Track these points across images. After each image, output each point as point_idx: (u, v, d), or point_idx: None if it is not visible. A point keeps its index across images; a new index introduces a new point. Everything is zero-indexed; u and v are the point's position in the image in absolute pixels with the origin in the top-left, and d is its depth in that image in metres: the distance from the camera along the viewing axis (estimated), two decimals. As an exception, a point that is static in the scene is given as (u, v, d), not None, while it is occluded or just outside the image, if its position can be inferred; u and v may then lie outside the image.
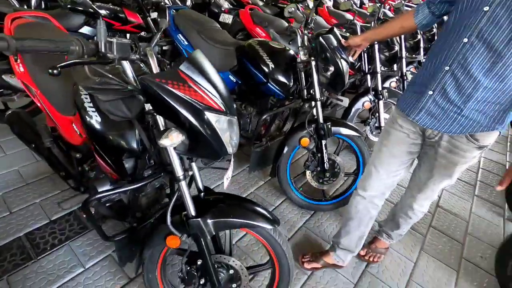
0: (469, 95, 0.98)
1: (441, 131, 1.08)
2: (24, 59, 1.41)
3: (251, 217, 1.05)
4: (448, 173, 1.17)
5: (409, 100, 1.14)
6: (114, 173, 1.11)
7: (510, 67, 0.90)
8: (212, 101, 0.84)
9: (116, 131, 1.01)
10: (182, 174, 0.95)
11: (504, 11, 0.86)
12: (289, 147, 1.83)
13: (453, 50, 0.97)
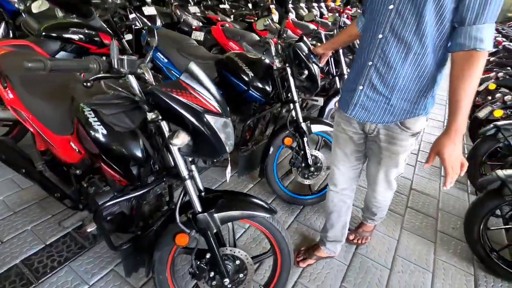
0: (393, 85, 1.09)
1: (376, 122, 1.17)
2: (13, 86, 1.44)
3: (251, 208, 1.17)
4: (394, 163, 1.28)
5: (345, 98, 1.24)
6: (123, 179, 1.18)
7: (420, 55, 1.02)
8: (210, 104, 0.97)
9: (122, 141, 1.09)
10: (187, 174, 1.05)
11: (406, 7, 0.97)
12: (274, 148, 1.97)
13: (373, 46, 1.08)
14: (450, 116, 0.97)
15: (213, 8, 5.89)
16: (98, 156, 1.17)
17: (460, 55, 0.93)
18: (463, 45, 0.91)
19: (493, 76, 2.98)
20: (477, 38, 0.88)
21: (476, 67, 0.90)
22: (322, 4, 8.48)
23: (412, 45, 1.00)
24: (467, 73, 0.91)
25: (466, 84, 0.92)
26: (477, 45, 0.88)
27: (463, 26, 0.90)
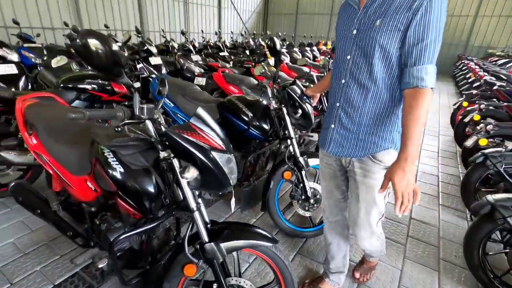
0: (359, 122, 1.22)
1: (350, 156, 1.27)
2: (37, 133, 1.61)
3: (254, 238, 1.25)
4: (371, 198, 1.30)
5: (323, 136, 1.38)
6: (137, 212, 1.28)
7: (377, 95, 1.16)
8: (215, 143, 1.12)
9: (136, 178, 1.21)
10: (195, 205, 1.16)
11: (360, 55, 1.14)
12: (275, 182, 2.07)
13: (338, 90, 1.25)
14: (401, 145, 1.07)
15: (213, 55, 6.41)
16: (114, 193, 1.28)
17: (408, 92, 1.06)
18: (408, 83, 1.05)
19: (477, 108, 3.19)
20: (418, 77, 1.02)
21: (421, 102, 1.02)
22: (314, 47, 9.16)
23: (369, 87, 1.15)
24: (414, 107, 1.03)
25: (414, 116, 1.03)
26: (419, 83, 1.02)
27: (407, 68, 1.05)
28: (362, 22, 1.11)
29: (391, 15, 1.03)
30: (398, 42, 1.04)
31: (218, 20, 14.87)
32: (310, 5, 16.52)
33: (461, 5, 13.06)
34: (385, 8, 1.04)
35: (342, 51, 1.21)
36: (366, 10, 1.10)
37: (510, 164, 2.25)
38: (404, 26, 1.01)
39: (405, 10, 1.00)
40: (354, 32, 1.14)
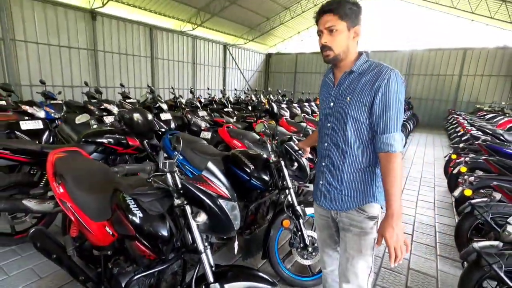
0: (341, 180, 1.36)
1: (337, 210, 1.40)
2: (64, 183, 1.83)
3: (255, 281, 1.38)
4: (358, 248, 1.36)
5: (315, 191, 1.52)
6: (152, 254, 1.43)
7: (354, 157, 1.32)
8: (222, 192, 1.33)
9: (153, 222, 1.40)
10: (203, 248, 1.32)
11: (336, 124, 1.34)
12: (274, 230, 2.21)
13: (323, 151, 1.43)
14: (386, 204, 1.22)
15: (219, 111, 6.92)
16: (131, 237, 1.45)
17: (381, 155, 1.26)
18: (381, 148, 1.24)
19: (463, 160, 3.42)
20: (388, 143, 1.22)
21: (393, 164, 1.21)
22: (312, 103, 9.83)
23: (346, 150, 1.33)
24: (389, 169, 1.21)
25: (391, 178, 1.21)
26: (389, 148, 1.22)
27: (377, 135, 1.25)
28: (337, 97, 1.35)
29: (358, 93, 1.26)
30: (366, 114, 1.26)
31: (223, 78, 16.14)
32: (307, 65, 18.04)
33: (446, 65, 14.26)
34: (353, 87, 1.28)
35: (323, 119, 1.43)
36: (339, 87, 1.34)
37: (496, 213, 2.39)
38: (369, 102, 1.24)
39: (368, 89, 1.24)
40: (331, 104, 1.37)
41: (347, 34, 1.24)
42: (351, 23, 1.23)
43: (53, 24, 8.64)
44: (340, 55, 1.27)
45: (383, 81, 1.20)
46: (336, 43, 1.24)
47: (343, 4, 1.21)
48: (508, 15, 11.11)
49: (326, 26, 1.24)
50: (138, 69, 11.40)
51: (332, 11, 1.22)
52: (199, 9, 12.12)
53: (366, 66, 1.28)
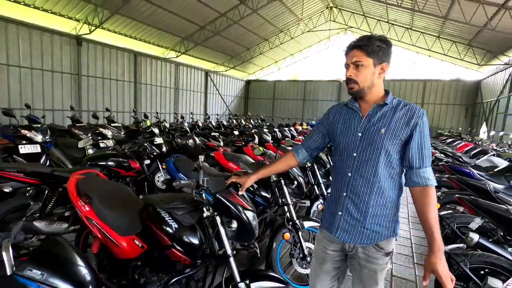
0: (365, 212, 1.29)
1: (355, 244, 1.33)
2: (90, 201, 2.00)
3: (273, 280, 1.64)
4: (374, 280, 1.34)
5: (328, 219, 1.43)
6: (188, 258, 1.64)
7: (381, 189, 1.27)
8: (247, 204, 1.61)
9: (185, 232, 1.63)
10: (231, 252, 1.57)
11: (366, 155, 1.28)
12: (276, 243, 2.44)
13: (344, 181, 1.35)
14: (430, 239, 1.19)
15: (205, 135, 7.18)
16: (167, 246, 1.66)
17: (417, 190, 1.24)
18: (418, 183, 1.23)
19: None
20: (425, 177, 1.22)
21: (432, 197, 1.21)
22: (292, 127, 10.42)
23: (374, 182, 1.28)
24: (428, 203, 1.21)
25: (432, 211, 1.20)
26: (428, 182, 1.22)
27: (412, 170, 1.24)
28: (367, 128, 1.30)
29: (393, 126, 1.25)
30: (398, 147, 1.26)
31: (204, 103, 16.52)
32: (285, 92, 19.01)
33: (410, 94, 15.76)
34: (387, 120, 1.27)
35: (347, 149, 1.35)
36: (369, 118, 1.30)
37: (460, 223, 2.83)
38: (405, 137, 1.24)
39: (404, 124, 1.24)
40: (359, 135, 1.31)
41: (373, 70, 1.26)
42: (378, 59, 1.26)
43: (38, 48, 8.67)
44: (364, 89, 1.29)
45: (419, 118, 1.23)
46: (361, 77, 1.27)
47: (372, 41, 1.24)
48: (458, 53, 12.76)
49: (353, 61, 1.27)
50: (121, 93, 11.49)
51: (360, 47, 1.25)
52: (184, 38, 12.67)
53: (396, 102, 1.30)
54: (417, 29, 12.86)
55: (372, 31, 14.76)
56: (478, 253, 2.17)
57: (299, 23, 14.91)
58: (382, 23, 13.73)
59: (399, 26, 13.33)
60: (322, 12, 14.91)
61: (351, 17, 14.52)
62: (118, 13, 9.31)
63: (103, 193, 2.07)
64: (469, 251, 2.22)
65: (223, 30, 12.46)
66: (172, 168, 3.15)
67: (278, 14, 13.35)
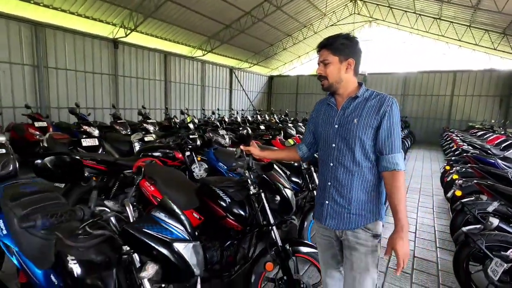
0: (349, 198, 1.38)
1: (343, 229, 1.41)
2: (155, 183, 2.44)
3: (306, 245, 1.98)
4: (364, 265, 1.38)
5: (318, 210, 1.52)
6: (239, 225, 2.04)
7: (361, 175, 1.36)
8: (285, 183, 1.96)
9: (236, 205, 2.03)
10: (274, 221, 1.94)
11: (343, 144, 1.38)
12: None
13: (328, 171, 1.44)
14: (395, 219, 1.27)
15: (233, 130, 7.61)
16: (222, 217, 2.06)
17: (386, 174, 1.33)
18: (387, 167, 1.32)
19: (454, 170, 4.07)
20: (394, 163, 1.30)
21: (399, 181, 1.29)
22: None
23: (354, 170, 1.38)
24: (395, 186, 1.29)
25: (398, 194, 1.28)
26: (395, 167, 1.30)
27: (383, 156, 1.33)
28: (342, 119, 1.41)
29: (365, 116, 1.35)
30: (371, 135, 1.35)
31: (229, 99, 17.03)
32: (308, 86, 19.05)
33: (438, 86, 15.26)
34: (359, 111, 1.37)
35: (325, 141, 1.47)
36: (344, 111, 1.41)
37: (481, 209, 3.01)
38: (375, 125, 1.34)
39: (374, 113, 1.33)
40: (336, 126, 1.42)
41: (339, 66, 1.37)
42: (344, 56, 1.36)
43: (80, 52, 9.50)
44: (334, 84, 1.40)
45: (387, 107, 1.32)
46: (329, 74, 1.38)
47: (336, 40, 1.35)
48: (491, 42, 12.20)
49: (321, 59, 1.40)
50: (153, 92, 12.23)
51: (326, 46, 1.38)
52: (210, 37, 13.17)
53: (368, 94, 1.40)
54: (446, 18, 12.43)
55: (398, 23, 14.43)
56: (495, 233, 2.37)
57: (322, 17, 14.90)
58: (408, 14, 13.39)
59: (427, 17, 12.94)
60: (346, 6, 14.78)
61: (376, 9, 14.28)
62: (150, 16, 9.94)
63: (163, 176, 2.52)
64: (486, 232, 2.41)
65: (248, 28, 12.80)
66: (213, 158, 3.56)
67: (302, 10, 13.44)
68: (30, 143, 5.68)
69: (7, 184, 1.86)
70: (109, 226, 1.25)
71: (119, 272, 1.23)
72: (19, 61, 8.13)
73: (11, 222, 1.58)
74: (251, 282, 1.94)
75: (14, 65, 8.02)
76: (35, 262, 1.45)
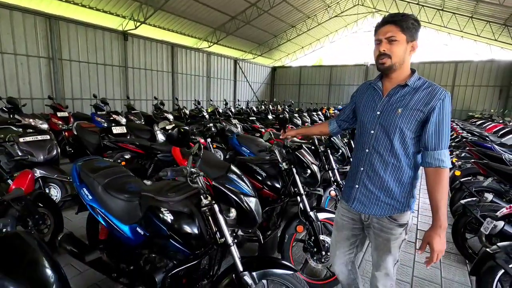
0: (381, 186, 1.34)
1: (370, 214, 1.40)
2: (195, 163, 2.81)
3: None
4: (387, 249, 1.40)
5: (347, 192, 1.51)
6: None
7: (396, 167, 1.31)
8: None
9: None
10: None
11: (382, 133, 1.32)
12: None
13: (362, 157, 1.40)
14: (434, 216, 1.24)
15: (244, 120, 7.95)
16: (258, 189, 2.41)
17: (430, 170, 1.26)
18: (431, 164, 1.24)
19: (454, 154, 4.45)
20: (439, 159, 1.23)
21: (443, 179, 1.22)
22: (319, 112, 10.93)
23: (389, 159, 1.33)
24: (438, 183, 1.22)
25: (440, 191, 1.23)
26: (441, 164, 1.22)
27: (428, 151, 1.25)
28: (386, 107, 1.33)
29: (411, 107, 1.26)
30: (415, 128, 1.27)
31: (233, 90, 17.29)
32: (311, 77, 19.27)
33: (440, 77, 15.52)
34: (406, 101, 1.28)
35: (365, 126, 1.41)
36: (389, 98, 1.33)
37: (478, 187, 3.38)
38: (422, 119, 1.25)
39: (423, 105, 1.24)
40: (378, 113, 1.35)
41: (405, 46, 1.26)
42: (410, 37, 1.25)
43: (92, 44, 9.75)
44: (396, 64, 1.28)
45: (438, 101, 1.22)
46: (394, 52, 1.26)
47: (407, 18, 1.24)
48: (493, 33, 12.43)
49: (387, 36, 1.26)
50: (161, 83, 12.51)
51: (395, 22, 1.25)
52: (215, 28, 13.35)
53: (419, 83, 1.29)
54: (449, 10, 12.62)
55: (401, 13, 14.56)
56: (488, 204, 2.75)
57: (327, 8, 15.04)
58: (412, 5, 13.55)
59: (430, 8, 13.12)
60: (349, -4, 14.92)
61: (380, 0, 14.42)
62: (160, 8, 10.14)
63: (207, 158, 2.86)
64: (480, 203, 2.76)
65: (253, 19, 12.98)
66: (236, 143, 3.92)
67: (306, 1, 13.59)
68: (54, 132, 6.03)
69: (83, 160, 2.21)
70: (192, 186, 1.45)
71: (200, 220, 1.52)
72: (35, 53, 8.40)
73: (95, 189, 1.89)
74: (285, 242, 2.28)
75: (31, 57, 8.30)
76: (121, 220, 1.73)
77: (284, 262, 1.52)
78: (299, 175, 2.33)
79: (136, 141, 3.48)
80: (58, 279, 0.95)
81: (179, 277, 1.59)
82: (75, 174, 2.08)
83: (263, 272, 1.45)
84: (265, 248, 2.49)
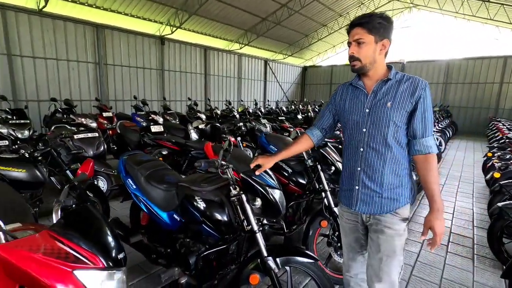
0: (381, 182, 1.35)
1: (375, 213, 1.39)
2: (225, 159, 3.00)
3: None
4: (392, 248, 1.37)
5: (346, 196, 1.49)
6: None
7: (393, 159, 1.34)
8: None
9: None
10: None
11: (374, 129, 1.34)
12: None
13: (357, 156, 1.40)
14: (431, 201, 1.28)
15: (274, 119, 8.08)
16: (284, 184, 2.53)
17: (420, 158, 1.32)
18: (421, 151, 1.31)
19: (496, 156, 4.19)
20: (427, 146, 1.30)
21: (433, 164, 1.29)
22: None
23: (386, 154, 1.35)
24: (430, 169, 1.29)
25: (432, 176, 1.28)
26: (429, 150, 1.30)
27: (416, 139, 1.31)
28: (373, 103, 1.36)
29: (399, 99, 1.31)
30: (405, 119, 1.33)
31: (264, 91, 17.49)
32: (343, 76, 18.84)
33: (486, 73, 14.36)
34: (392, 94, 1.33)
35: (355, 126, 1.41)
36: (375, 94, 1.36)
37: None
38: (410, 109, 1.31)
39: (409, 96, 1.30)
40: (367, 111, 1.37)
41: (374, 46, 1.30)
42: (379, 36, 1.29)
43: (133, 49, 10.50)
44: (366, 65, 1.33)
45: (422, 90, 1.29)
46: (363, 54, 1.31)
47: (373, 19, 1.27)
48: (550, 24, 11.24)
49: (354, 39, 1.31)
50: (194, 84, 13.08)
51: (361, 24, 1.29)
52: (247, 30, 13.64)
53: (399, 76, 1.36)
54: (496, 1, 11.65)
55: (442, 8, 13.74)
56: (528, 208, 2.61)
57: (360, 5, 14.65)
58: (453, -2, 12.74)
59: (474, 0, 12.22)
60: (384, -9, 14.38)
61: (418, -7, 13.73)
62: (194, 13, 10.62)
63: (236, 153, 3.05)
64: None
65: (283, 20, 13.05)
66: (265, 142, 4.07)
67: (338, -1, 13.38)
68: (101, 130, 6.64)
69: (128, 154, 2.50)
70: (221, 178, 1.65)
71: (229, 208, 1.71)
72: (85, 59, 9.27)
73: (139, 179, 2.13)
74: (309, 235, 2.39)
75: (80, 63, 9.18)
76: (160, 207, 1.95)
77: (307, 252, 1.59)
78: (324, 172, 2.39)
79: (172, 139, 3.77)
80: (117, 246, 1.19)
81: (210, 260, 1.74)
82: (121, 166, 2.37)
83: (286, 258, 1.53)
84: (291, 241, 2.60)
